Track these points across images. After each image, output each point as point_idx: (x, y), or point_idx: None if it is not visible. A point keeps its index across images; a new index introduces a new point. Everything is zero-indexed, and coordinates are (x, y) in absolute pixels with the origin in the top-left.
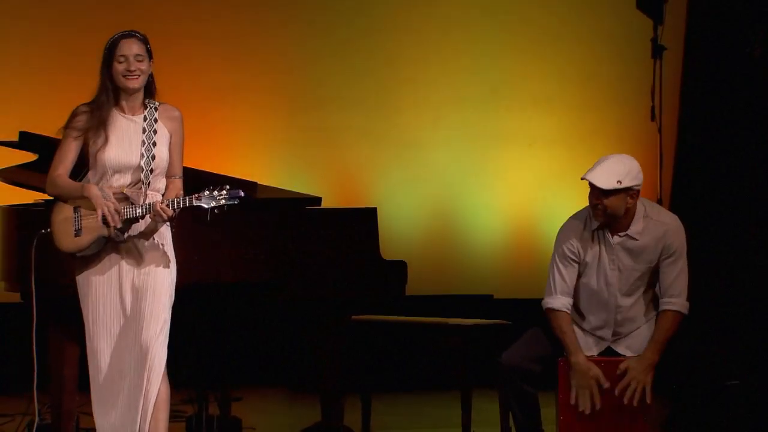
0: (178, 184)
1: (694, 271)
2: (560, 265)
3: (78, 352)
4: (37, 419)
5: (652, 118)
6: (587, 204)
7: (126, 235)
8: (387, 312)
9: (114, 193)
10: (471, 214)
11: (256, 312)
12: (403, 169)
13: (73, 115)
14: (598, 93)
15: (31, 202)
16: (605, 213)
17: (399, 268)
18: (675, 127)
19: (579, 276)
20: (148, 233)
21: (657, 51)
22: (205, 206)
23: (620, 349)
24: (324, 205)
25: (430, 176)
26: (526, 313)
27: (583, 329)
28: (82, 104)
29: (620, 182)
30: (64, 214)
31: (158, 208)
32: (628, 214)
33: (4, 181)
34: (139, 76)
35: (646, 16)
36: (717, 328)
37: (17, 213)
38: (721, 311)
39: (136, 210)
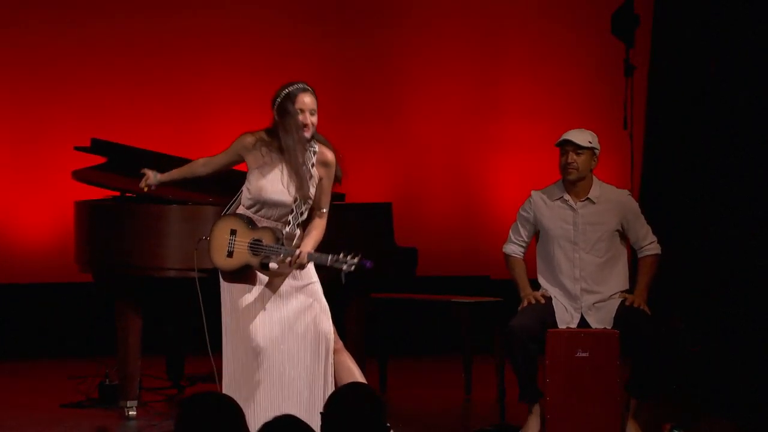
0: (320, 223)
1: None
2: (517, 224)
3: (140, 323)
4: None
5: (625, 127)
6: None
7: (270, 268)
8: (401, 290)
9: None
10: (473, 208)
11: None
12: (415, 170)
13: (241, 138)
14: (581, 105)
15: (101, 198)
16: (578, 169)
17: (410, 253)
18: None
19: (549, 242)
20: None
21: (628, 70)
22: (345, 270)
23: (591, 321)
24: (347, 200)
25: (438, 176)
26: (517, 291)
27: (559, 299)
28: (249, 133)
29: (591, 142)
30: (222, 232)
31: (295, 260)
32: (588, 181)
33: (79, 180)
34: (311, 128)
35: (620, 40)
36: (677, 304)
37: (90, 207)
38: (680, 289)
39: (280, 253)
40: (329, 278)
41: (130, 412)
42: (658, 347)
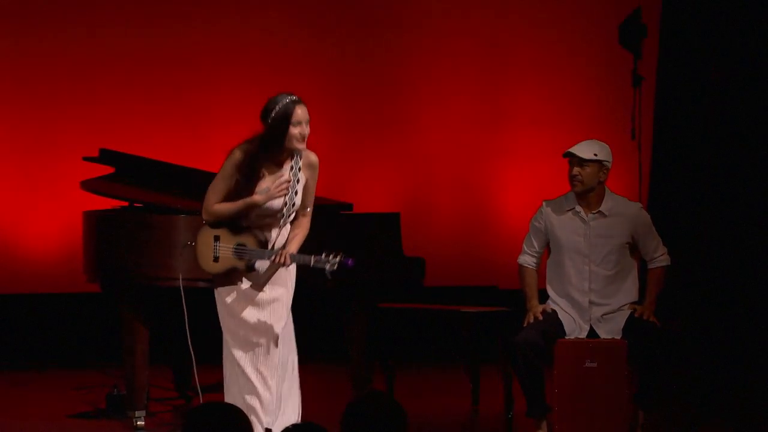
0: (305, 222)
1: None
2: (530, 234)
3: (148, 333)
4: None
5: (633, 137)
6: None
7: (255, 269)
8: (409, 300)
9: (248, 230)
10: (481, 218)
11: None
12: (421, 181)
13: (232, 154)
14: (589, 116)
15: (108, 208)
16: (582, 182)
17: (418, 263)
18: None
19: (559, 253)
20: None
21: (636, 80)
22: (328, 269)
23: (601, 332)
24: (355, 210)
25: (445, 186)
26: (524, 302)
27: (567, 310)
28: (239, 147)
29: (596, 155)
30: (206, 238)
31: (279, 260)
32: (600, 193)
33: (87, 191)
34: (306, 140)
35: (627, 51)
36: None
37: (98, 217)
38: (685, 296)
39: (264, 255)
40: (333, 284)
41: (138, 423)
42: (667, 359)
